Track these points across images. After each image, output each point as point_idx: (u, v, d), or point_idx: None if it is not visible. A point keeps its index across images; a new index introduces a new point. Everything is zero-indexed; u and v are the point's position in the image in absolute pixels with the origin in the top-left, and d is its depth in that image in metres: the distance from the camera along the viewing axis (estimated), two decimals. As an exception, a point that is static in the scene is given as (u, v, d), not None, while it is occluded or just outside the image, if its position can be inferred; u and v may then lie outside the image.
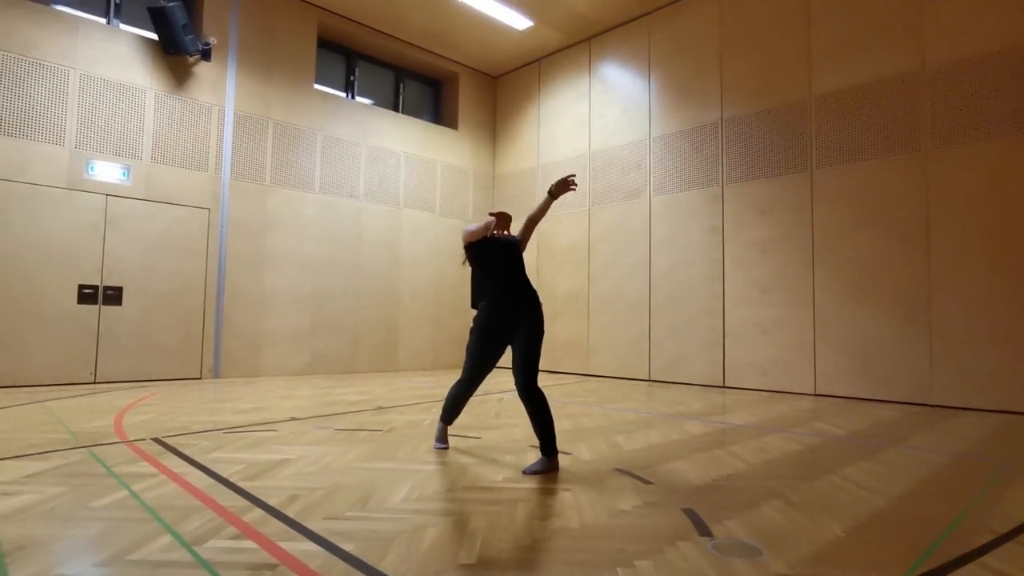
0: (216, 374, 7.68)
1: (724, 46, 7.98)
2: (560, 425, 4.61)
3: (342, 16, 9.09)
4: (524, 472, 3.16)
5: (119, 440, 3.79)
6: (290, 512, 2.44)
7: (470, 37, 9.68)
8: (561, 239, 9.84)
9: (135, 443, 3.72)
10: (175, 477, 2.94)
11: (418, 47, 10.01)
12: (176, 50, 7.36)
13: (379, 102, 10.00)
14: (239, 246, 7.94)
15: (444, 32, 9.54)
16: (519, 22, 9.09)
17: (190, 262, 7.56)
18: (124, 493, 2.65)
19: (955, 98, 6.15)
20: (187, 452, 3.49)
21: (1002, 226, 5.80)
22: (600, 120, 9.42)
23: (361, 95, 9.87)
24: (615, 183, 9.14)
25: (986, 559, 2.07)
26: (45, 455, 3.35)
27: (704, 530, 2.32)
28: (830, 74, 7.01)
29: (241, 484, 2.84)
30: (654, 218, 8.61)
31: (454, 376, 8.74)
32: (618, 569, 1.94)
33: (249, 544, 2.09)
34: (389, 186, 9.61)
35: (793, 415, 5.41)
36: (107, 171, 6.99)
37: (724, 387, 7.63)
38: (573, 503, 2.65)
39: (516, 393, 2.97)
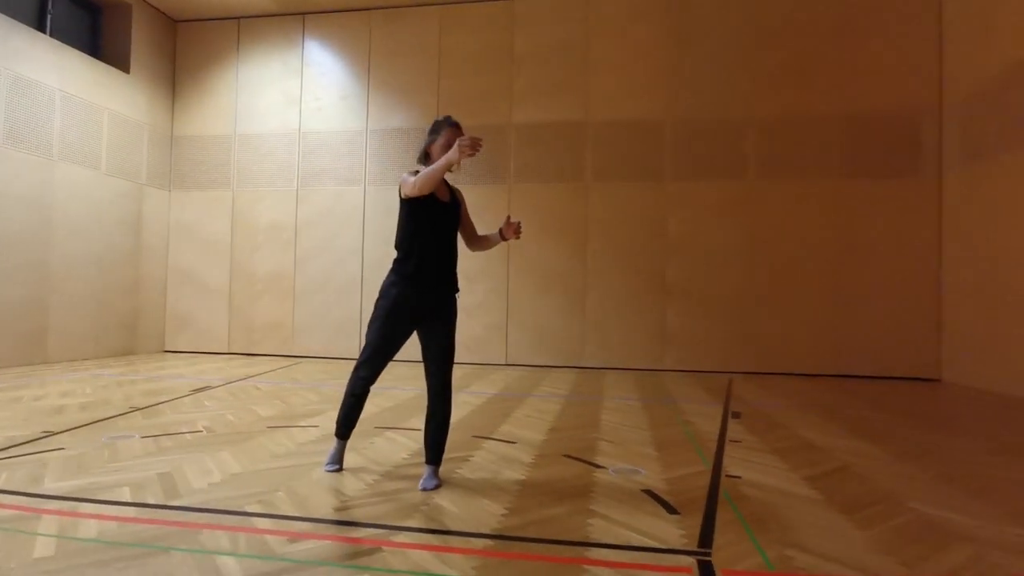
0: None
1: (443, 62, 9.02)
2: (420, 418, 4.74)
3: None
4: (423, 489, 2.81)
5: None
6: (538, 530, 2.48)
7: (156, -31, 8.27)
8: (262, 216, 9.38)
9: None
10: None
11: (79, -41, 8.01)
12: None
13: (15, 17, 7.61)
14: None
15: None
16: (230, -26, 8.27)
17: None
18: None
19: (606, 147, 8.62)
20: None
21: (630, 242, 8.49)
22: (316, 102, 9.33)
23: (-12, 0, 7.36)
24: (328, 168, 9.25)
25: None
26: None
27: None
28: (525, 108, 8.80)
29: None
30: (368, 207, 9.12)
31: (122, 362, 7.50)
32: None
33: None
34: (39, 130, 7.50)
35: (524, 382, 6.92)
36: None
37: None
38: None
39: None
